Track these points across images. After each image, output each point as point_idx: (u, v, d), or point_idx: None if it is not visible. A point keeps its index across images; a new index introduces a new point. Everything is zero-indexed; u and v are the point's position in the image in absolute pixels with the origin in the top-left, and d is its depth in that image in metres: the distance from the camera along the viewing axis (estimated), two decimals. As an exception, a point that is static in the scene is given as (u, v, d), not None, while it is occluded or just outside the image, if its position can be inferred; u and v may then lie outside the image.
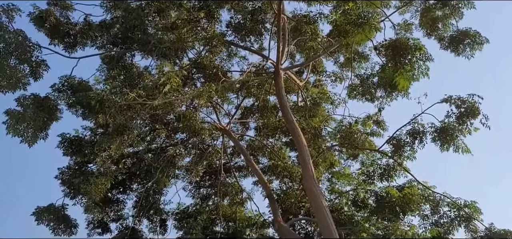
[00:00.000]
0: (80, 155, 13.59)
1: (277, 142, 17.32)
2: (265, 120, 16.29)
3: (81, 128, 13.93)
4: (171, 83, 11.36)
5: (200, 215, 16.38)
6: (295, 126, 12.67)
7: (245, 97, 16.35)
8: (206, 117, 15.93)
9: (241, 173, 17.53)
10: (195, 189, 17.20)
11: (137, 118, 12.83)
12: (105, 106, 11.11)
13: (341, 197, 14.43)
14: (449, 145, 11.80)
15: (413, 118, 12.38)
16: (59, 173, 13.18)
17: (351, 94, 14.84)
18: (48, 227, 12.87)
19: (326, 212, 10.67)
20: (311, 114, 15.40)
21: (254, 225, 16.38)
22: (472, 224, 11.79)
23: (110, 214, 15.82)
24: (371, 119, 14.27)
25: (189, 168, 16.55)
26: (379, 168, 13.39)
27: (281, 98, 13.22)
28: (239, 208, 16.88)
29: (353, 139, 12.86)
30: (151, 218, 16.55)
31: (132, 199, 16.27)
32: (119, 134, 12.18)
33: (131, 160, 15.39)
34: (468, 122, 11.57)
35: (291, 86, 16.06)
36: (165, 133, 15.91)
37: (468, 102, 11.51)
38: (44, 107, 11.93)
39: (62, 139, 13.26)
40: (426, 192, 12.70)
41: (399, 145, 12.69)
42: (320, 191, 11.70)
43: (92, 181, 12.51)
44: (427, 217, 12.63)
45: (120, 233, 15.87)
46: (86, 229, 15.19)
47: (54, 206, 12.91)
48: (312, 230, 14.87)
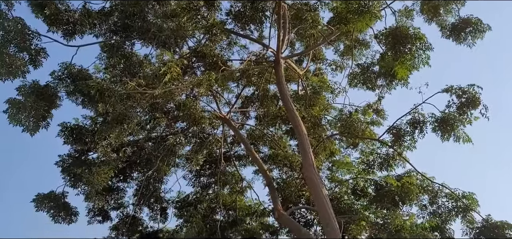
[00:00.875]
0: (80, 143, 13.60)
1: (277, 131, 17.33)
2: (265, 109, 16.27)
3: (81, 117, 13.95)
4: (171, 73, 11.32)
5: (200, 204, 16.50)
6: (295, 115, 12.67)
7: (245, 86, 16.31)
8: (206, 106, 15.94)
9: (241, 162, 17.58)
10: (195, 178, 17.28)
11: (137, 107, 12.82)
12: (105, 95, 11.09)
13: (341, 186, 14.48)
14: (450, 135, 11.80)
15: (414, 107, 12.38)
16: (60, 161, 13.20)
17: (352, 82, 14.81)
18: (48, 214, 12.94)
19: (326, 200, 10.72)
20: (311, 103, 15.38)
21: (254, 213, 16.50)
22: (469, 215, 11.86)
23: (110, 202, 15.90)
24: (371, 108, 14.25)
25: (189, 157, 16.58)
26: (378, 157, 13.43)
27: (282, 87, 13.19)
28: (239, 197, 16.98)
29: (353, 128, 12.87)
30: (152, 206, 16.66)
31: (133, 188, 16.36)
32: (119, 123, 12.17)
33: (131, 148, 15.40)
34: (468, 112, 11.55)
35: (291, 75, 16.01)
36: (165, 122, 15.90)
37: (468, 92, 11.49)
38: (45, 95, 11.90)
39: (62, 127, 13.26)
40: (425, 182, 12.76)
41: (399, 134, 12.70)
42: (320, 180, 11.74)
43: (94, 171, 12.56)
44: (426, 207, 12.71)
45: (121, 221, 15.97)
46: (86, 216, 15.31)
47: (55, 194, 12.96)
48: (312, 219, 14.95)
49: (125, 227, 15.77)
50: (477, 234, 11.29)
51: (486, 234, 11.02)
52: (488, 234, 10.98)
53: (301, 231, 12.51)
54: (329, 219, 10.37)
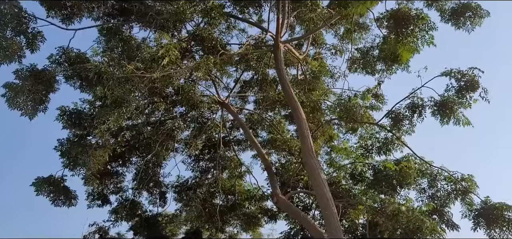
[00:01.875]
0: (79, 127, 13.58)
1: (276, 116, 17.31)
2: (264, 94, 16.23)
3: (80, 101, 13.90)
4: (169, 56, 11.24)
5: (200, 188, 16.56)
6: (294, 99, 12.64)
7: (244, 71, 16.24)
8: (205, 91, 15.91)
9: (240, 147, 17.59)
10: (194, 163, 17.32)
11: (135, 91, 12.75)
12: (103, 78, 11.03)
13: (339, 171, 14.51)
14: (449, 119, 11.78)
15: (413, 91, 12.32)
16: (58, 145, 13.20)
17: (352, 67, 14.74)
18: (48, 198, 12.98)
19: (324, 185, 10.76)
20: (310, 87, 15.33)
21: (253, 198, 16.57)
22: (468, 197, 11.91)
23: (109, 186, 15.95)
24: (371, 92, 14.20)
25: (188, 141, 16.61)
26: (377, 142, 13.43)
27: (281, 71, 13.13)
28: (238, 181, 17.04)
29: (352, 113, 12.83)
30: (151, 190, 16.71)
31: (132, 172, 16.39)
32: (117, 107, 12.12)
33: (130, 133, 15.40)
34: (467, 96, 11.52)
35: (290, 59, 15.93)
36: (164, 106, 15.86)
37: (468, 75, 11.44)
38: (42, 79, 11.84)
39: (61, 112, 13.22)
40: (423, 166, 12.78)
41: (398, 118, 12.68)
42: (319, 165, 11.76)
43: (90, 153, 12.56)
44: (424, 190, 12.75)
45: (120, 204, 16.04)
46: (86, 200, 15.37)
47: (54, 177, 12.99)
48: (310, 203, 15.03)
49: (124, 211, 15.84)
50: (476, 216, 11.34)
51: (485, 216, 11.07)
52: (487, 216, 11.02)
53: (300, 215, 12.58)
54: (327, 203, 10.42)
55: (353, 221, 13.70)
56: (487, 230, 11.13)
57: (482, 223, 11.24)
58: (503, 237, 10.85)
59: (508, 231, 10.78)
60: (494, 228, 10.98)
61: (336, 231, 9.92)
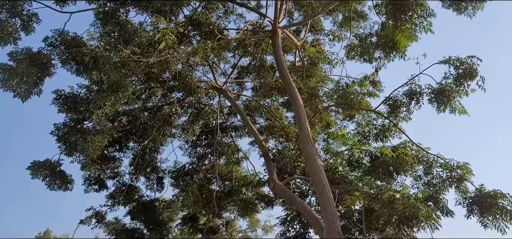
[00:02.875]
0: (75, 112, 13.53)
1: (274, 102, 17.28)
2: (262, 80, 16.17)
3: (76, 85, 13.82)
4: (166, 40, 11.16)
5: (197, 174, 16.57)
6: (292, 86, 12.59)
7: (241, 56, 16.14)
8: (203, 76, 15.83)
9: (237, 133, 17.59)
10: (191, 148, 17.32)
11: (132, 76, 12.68)
12: (99, 62, 10.95)
13: (336, 157, 14.53)
14: (446, 106, 11.77)
15: (411, 78, 12.29)
16: (55, 129, 13.15)
17: (350, 54, 14.66)
18: (44, 182, 12.97)
19: (321, 171, 10.78)
20: (308, 74, 15.27)
21: (250, 184, 16.62)
22: (463, 185, 11.96)
23: (106, 171, 15.94)
24: (368, 79, 14.16)
25: (186, 127, 16.59)
26: (374, 129, 13.44)
27: (278, 57, 13.05)
28: (235, 167, 17.07)
29: (350, 100, 12.81)
30: (148, 175, 16.73)
31: (129, 157, 16.38)
32: (114, 91, 12.06)
33: (127, 118, 15.35)
34: (465, 84, 11.48)
35: (288, 45, 15.85)
36: (161, 91, 15.81)
37: (466, 63, 11.38)
38: (37, 62, 11.73)
39: (56, 95, 13.16)
40: (420, 153, 12.81)
41: (395, 105, 12.66)
42: (316, 151, 11.76)
43: (89, 139, 12.52)
44: (420, 177, 12.80)
45: (117, 189, 16.06)
46: (82, 185, 15.38)
47: (50, 161, 12.96)
48: (307, 189, 15.07)
49: (121, 196, 15.86)
50: (470, 203, 11.40)
51: (479, 204, 11.13)
52: (481, 203, 11.08)
53: (296, 201, 12.62)
54: (323, 189, 10.45)
55: (349, 207, 13.75)
56: (480, 217, 11.20)
57: (475, 210, 11.30)
58: (496, 224, 10.91)
59: (501, 219, 10.84)
60: (488, 216, 11.03)
61: (332, 217, 9.95)
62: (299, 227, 14.49)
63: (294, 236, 14.38)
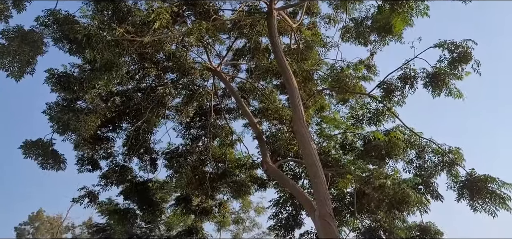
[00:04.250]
0: (68, 91, 13.37)
1: (268, 85, 17.23)
2: (256, 62, 16.09)
3: (69, 64, 13.65)
4: (160, 20, 11.05)
5: (190, 155, 16.59)
6: (287, 68, 12.55)
7: (236, 38, 16.03)
8: (197, 57, 15.72)
9: (231, 115, 17.57)
10: (185, 130, 17.29)
11: (126, 55, 12.56)
12: (92, 41, 10.82)
13: (330, 141, 14.60)
14: (441, 90, 11.81)
15: (405, 62, 12.30)
16: (47, 108, 13.02)
17: (345, 37, 14.60)
18: (36, 161, 12.90)
19: (314, 153, 10.82)
20: (303, 57, 15.21)
21: (243, 166, 16.68)
22: (454, 169, 12.09)
23: (99, 151, 15.87)
24: (363, 63, 14.15)
25: (179, 108, 16.54)
26: (368, 113, 13.49)
27: (274, 39, 12.98)
28: (229, 150, 17.09)
29: (344, 83, 12.83)
30: (141, 156, 16.70)
31: (122, 138, 16.31)
32: (107, 71, 11.96)
33: (120, 98, 15.26)
34: (460, 67, 11.51)
35: (284, 27, 15.73)
36: (155, 72, 15.69)
37: (461, 47, 11.39)
38: (29, 40, 11.55)
39: (49, 74, 12.98)
40: (412, 138, 12.90)
41: (389, 89, 12.70)
42: (309, 134, 11.80)
43: (81, 118, 12.43)
44: (412, 161, 12.92)
45: (110, 170, 16.03)
46: (75, 165, 15.32)
47: (42, 141, 12.86)
48: (300, 172, 15.16)
49: (114, 176, 15.84)
50: (460, 187, 11.55)
51: (469, 188, 11.28)
52: (471, 187, 11.23)
53: (289, 183, 12.69)
54: (316, 172, 10.51)
55: (341, 190, 13.87)
56: (470, 201, 11.36)
57: (466, 194, 11.45)
58: (485, 208, 11.08)
59: (490, 203, 11.00)
60: (477, 200, 11.19)
61: (324, 199, 10.03)
62: (291, 209, 14.63)
63: (286, 218, 14.53)
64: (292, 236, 14.46)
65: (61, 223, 38.16)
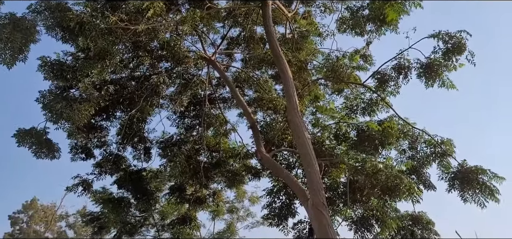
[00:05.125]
0: (61, 79, 13.27)
1: (263, 75, 17.21)
2: (251, 52, 16.04)
3: (62, 52, 13.53)
4: (154, 8, 10.98)
5: (184, 145, 16.57)
6: (282, 58, 12.51)
7: (231, 27, 15.95)
8: (191, 46, 15.64)
9: (225, 105, 17.56)
10: (179, 119, 17.27)
11: (119, 44, 12.47)
12: (85, 28, 10.72)
13: (324, 130, 14.65)
14: (434, 81, 11.87)
15: (400, 52, 12.33)
16: (40, 96, 12.93)
17: (341, 27, 14.56)
18: (30, 150, 12.84)
19: (307, 143, 10.85)
20: (298, 46, 15.18)
21: (238, 155, 16.71)
22: (445, 160, 12.21)
23: (93, 140, 15.82)
24: (359, 53, 14.15)
25: (174, 97, 16.49)
26: (362, 103, 13.53)
27: (269, 29, 12.91)
28: (223, 139, 17.10)
29: (339, 73, 12.83)
30: (135, 145, 16.68)
31: (116, 126, 16.26)
32: (101, 59, 11.90)
33: (114, 87, 15.18)
34: (453, 58, 11.55)
35: (279, 16, 15.66)
36: (148, 61, 15.59)
37: (455, 37, 11.42)
38: (21, 27, 11.42)
39: (42, 62, 12.87)
40: (405, 128, 12.98)
41: (383, 79, 12.73)
42: (303, 124, 11.82)
43: (75, 107, 12.36)
44: (404, 151, 13.01)
45: (104, 158, 16.00)
46: (69, 153, 15.28)
47: (36, 130, 12.79)
48: (294, 161, 15.23)
49: (108, 165, 15.82)
50: (452, 178, 11.66)
51: (460, 179, 11.40)
52: (462, 178, 11.35)
53: (283, 172, 12.74)
54: (310, 161, 10.55)
55: (334, 180, 13.97)
56: (460, 191, 11.49)
57: (456, 185, 11.58)
58: (475, 199, 11.22)
59: (480, 194, 11.14)
60: (468, 190, 11.32)
61: (318, 189, 10.07)
62: (285, 198, 14.73)
63: (280, 207, 14.63)
64: (285, 225, 14.58)
65: (55, 211, 38.13)
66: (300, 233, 14.56)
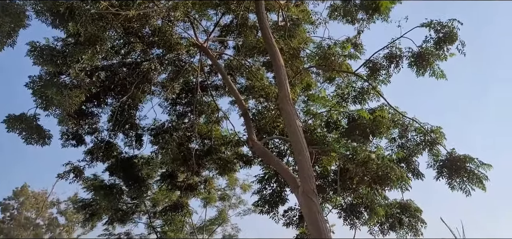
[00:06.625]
0: (51, 64, 13.12)
1: (255, 63, 17.18)
2: (243, 39, 15.97)
3: (52, 38, 13.36)
4: (145, -7, 10.87)
5: (176, 132, 16.56)
6: (274, 45, 12.49)
7: (224, 13, 15.84)
8: (183, 33, 15.51)
9: (217, 92, 17.53)
10: (171, 106, 17.22)
11: (110, 29, 12.34)
12: (75, 14, 10.60)
13: (315, 119, 14.71)
14: (425, 70, 11.95)
15: (391, 41, 12.36)
16: (30, 82, 12.80)
17: (332, 14, 14.55)
18: (20, 136, 12.74)
19: (298, 131, 10.91)
20: (290, 34, 15.14)
21: (229, 143, 16.73)
22: (435, 148, 12.36)
23: (84, 126, 15.73)
24: (350, 41, 14.16)
25: (165, 84, 16.42)
26: (353, 91, 13.60)
27: (261, 16, 12.87)
28: (215, 127, 17.10)
29: (331, 61, 12.86)
30: (127, 132, 16.62)
31: (107, 113, 16.16)
32: (92, 45, 11.78)
33: (105, 73, 15.04)
34: (445, 48, 11.62)
35: (272, 4, 15.58)
36: (140, 47, 15.46)
37: (447, 27, 11.47)
38: (10, 12, 11.24)
39: (31, 47, 12.70)
40: (396, 117, 13.08)
41: (375, 68, 12.79)
42: (295, 112, 11.86)
43: (65, 93, 12.26)
44: (395, 140, 13.14)
45: (95, 145, 15.94)
46: (60, 140, 15.19)
47: (26, 116, 12.68)
48: (285, 149, 15.30)
49: (100, 152, 15.76)
50: (440, 166, 11.83)
51: (448, 167, 11.56)
52: (450, 166, 11.51)
53: (274, 160, 12.82)
54: (301, 149, 10.62)
55: (325, 168, 14.08)
56: (448, 179, 11.66)
57: (445, 173, 11.75)
58: (462, 186, 11.41)
59: (467, 182, 11.33)
60: (455, 178, 11.50)
61: (308, 176, 10.16)
62: (276, 186, 14.84)
63: (270, 194, 14.74)
64: (276, 212, 14.70)
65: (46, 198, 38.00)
66: (290, 220, 14.70)
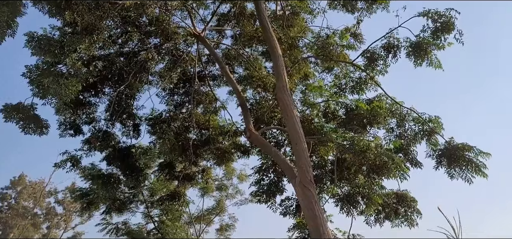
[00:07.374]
0: (49, 54, 13.06)
1: (253, 52, 17.12)
2: (241, 29, 15.90)
3: (49, 27, 13.27)
4: (142, -18, 10.78)
5: (174, 122, 16.52)
6: (272, 35, 12.45)
7: (221, 2, 15.75)
8: (181, 22, 15.43)
9: (215, 82, 17.50)
10: (168, 96, 17.18)
11: (107, 18, 12.28)
12: (71, 2, 10.53)
13: (313, 109, 14.72)
14: (422, 60, 11.95)
15: (389, 31, 12.34)
16: (27, 71, 12.73)
17: (332, 3, 14.48)
18: (18, 125, 12.72)
19: (296, 121, 10.92)
20: (288, 24, 15.09)
21: (227, 133, 16.74)
22: (433, 137, 12.40)
23: (82, 116, 15.69)
24: (349, 31, 14.12)
25: (163, 74, 16.36)
26: (351, 81, 13.59)
27: (259, 5, 12.80)
28: (212, 117, 17.08)
29: (329, 51, 12.82)
30: (124, 122, 16.59)
31: (105, 103, 16.13)
32: (88, 34, 11.71)
33: (102, 63, 14.98)
34: (442, 37, 11.61)
35: (270, -7, 15.52)
36: (137, 36, 15.38)
37: (444, 16, 11.45)
38: (7, 1, 11.15)
39: (29, 37, 12.62)
40: (393, 106, 13.10)
41: (372, 58, 12.77)
42: (292, 102, 11.86)
43: (62, 83, 12.20)
44: (393, 130, 13.17)
45: (93, 135, 15.91)
46: (57, 129, 15.17)
47: (23, 105, 12.64)
48: (282, 139, 15.32)
49: (97, 142, 15.74)
50: (439, 155, 11.88)
51: (447, 156, 11.61)
52: (449, 155, 11.56)
53: (271, 150, 12.81)
54: (298, 139, 10.63)
55: (322, 158, 14.11)
56: (448, 168, 11.72)
57: (443, 162, 11.80)
58: (462, 175, 11.47)
59: (467, 170, 11.38)
60: (454, 167, 11.57)
61: (305, 166, 10.18)
62: (273, 176, 14.88)
63: (268, 184, 14.78)
64: (273, 201, 14.77)
65: (44, 187, 38.02)
66: (287, 209, 14.78)
